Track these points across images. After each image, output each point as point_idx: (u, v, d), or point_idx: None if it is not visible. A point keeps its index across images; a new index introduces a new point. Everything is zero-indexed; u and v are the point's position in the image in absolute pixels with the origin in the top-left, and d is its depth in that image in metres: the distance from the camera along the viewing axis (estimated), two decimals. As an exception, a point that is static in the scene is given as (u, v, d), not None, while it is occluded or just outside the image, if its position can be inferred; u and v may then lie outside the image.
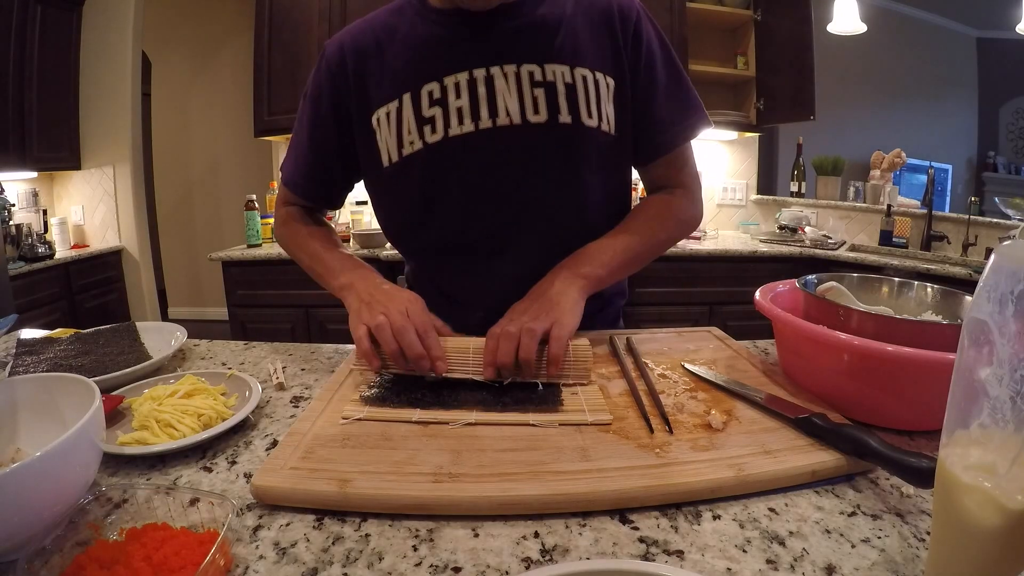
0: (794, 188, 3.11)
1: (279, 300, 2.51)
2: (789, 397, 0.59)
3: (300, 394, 0.68)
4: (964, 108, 4.83)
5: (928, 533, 0.40)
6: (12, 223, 2.80)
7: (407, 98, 0.75)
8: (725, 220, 3.26)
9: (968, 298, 0.63)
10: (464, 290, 0.85)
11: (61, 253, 3.02)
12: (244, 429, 0.59)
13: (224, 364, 0.80)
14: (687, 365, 0.68)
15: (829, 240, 2.66)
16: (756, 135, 3.13)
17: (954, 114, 4.81)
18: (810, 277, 0.71)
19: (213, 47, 4.28)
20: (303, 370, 0.76)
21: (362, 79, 0.78)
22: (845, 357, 0.56)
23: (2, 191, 2.80)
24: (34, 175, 3.14)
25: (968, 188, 4.83)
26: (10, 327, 0.86)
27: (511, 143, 0.75)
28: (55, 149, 3.14)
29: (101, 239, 3.41)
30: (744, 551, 0.39)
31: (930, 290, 0.69)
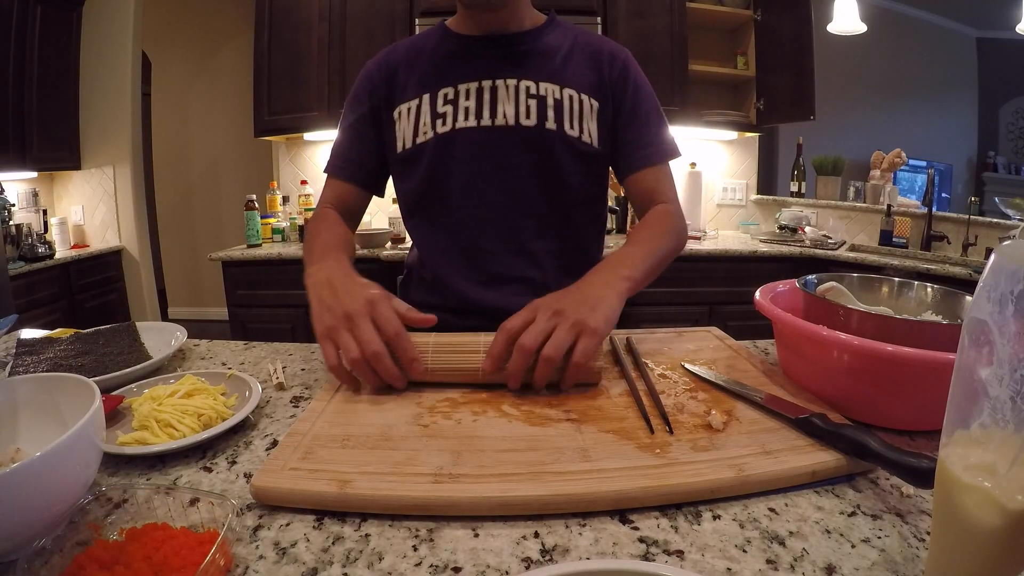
0: (794, 188, 3.11)
1: (279, 300, 2.51)
2: (789, 397, 0.59)
3: (300, 394, 0.68)
4: (964, 108, 4.83)
5: (928, 533, 0.40)
6: (12, 223, 2.80)
7: (426, 97, 0.91)
8: (725, 220, 3.26)
9: (968, 298, 0.63)
10: (454, 263, 0.95)
11: (61, 253, 3.01)
12: (244, 429, 0.59)
13: (224, 364, 0.80)
14: (687, 365, 0.68)
15: (829, 240, 2.66)
16: (756, 135, 3.13)
17: (954, 114, 4.81)
18: (810, 277, 0.71)
19: (213, 47, 4.28)
20: (303, 370, 0.76)
21: (392, 84, 0.95)
22: (845, 357, 0.56)
23: (2, 191, 2.80)
24: (34, 175, 3.13)
25: (968, 188, 4.83)
26: (10, 327, 0.86)
27: (506, 140, 0.90)
28: (55, 149, 3.13)
29: (101, 239, 3.41)
30: (744, 551, 0.39)
31: (930, 290, 0.69)
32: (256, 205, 2.72)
